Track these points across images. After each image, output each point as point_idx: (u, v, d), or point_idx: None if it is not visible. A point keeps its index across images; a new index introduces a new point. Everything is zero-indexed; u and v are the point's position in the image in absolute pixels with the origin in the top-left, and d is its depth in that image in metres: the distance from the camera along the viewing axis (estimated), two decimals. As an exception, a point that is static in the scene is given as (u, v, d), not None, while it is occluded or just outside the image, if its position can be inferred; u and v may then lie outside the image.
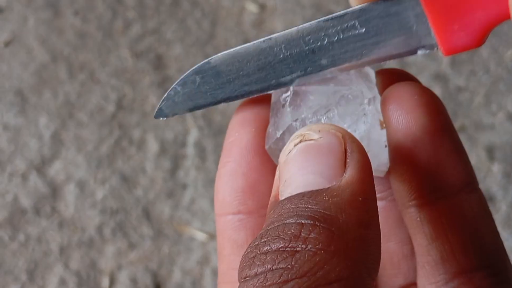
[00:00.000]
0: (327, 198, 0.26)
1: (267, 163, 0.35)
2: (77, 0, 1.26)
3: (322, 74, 0.33)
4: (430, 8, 0.29)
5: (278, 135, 0.34)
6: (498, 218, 1.00)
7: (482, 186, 1.01)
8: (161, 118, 0.35)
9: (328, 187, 0.27)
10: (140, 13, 1.24)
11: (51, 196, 1.09)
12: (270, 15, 1.22)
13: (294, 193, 0.27)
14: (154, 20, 1.23)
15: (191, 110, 0.34)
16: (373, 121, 0.33)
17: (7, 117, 1.16)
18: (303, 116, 0.33)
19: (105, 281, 1.02)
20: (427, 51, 0.31)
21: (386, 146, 0.33)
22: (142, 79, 1.17)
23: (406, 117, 0.32)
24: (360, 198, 0.26)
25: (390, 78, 0.34)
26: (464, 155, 0.34)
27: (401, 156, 0.33)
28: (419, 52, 0.31)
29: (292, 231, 0.25)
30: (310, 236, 0.25)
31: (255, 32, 1.20)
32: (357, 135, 0.31)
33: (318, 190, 0.27)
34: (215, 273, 1.00)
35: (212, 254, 1.02)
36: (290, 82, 0.33)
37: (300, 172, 0.27)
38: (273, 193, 0.29)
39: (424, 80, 1.12)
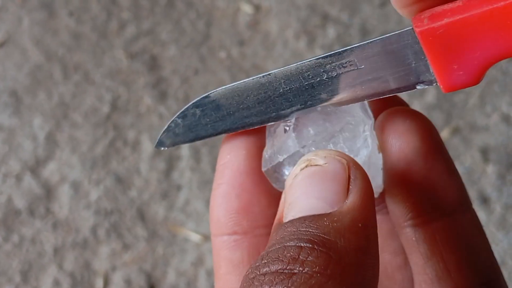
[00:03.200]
0: (327, 223, 0.27)
1: (260, 184, 0.35)
2: (71, 1, 1.26)
3: (323, 106, 0.33)
4: (429, 48, 0.29)
5: (280, 159, 0.34)
6: (493, 220, 1.01)
7: (476, 187, 1.02)
8: (161, 149, 0.35)
9: (330, 212, 0.27)
10: (134, 14, 1.24)
11: (45, 197, 1.08)
12: (265, 16, 1.22)
13: (297, 216, 0.28)
14: (149, 21, 1.23)
15: (192, 141, 0.35)
16: (373, 146, 0.34)
17: (1, 118, 1.16)
18: (310, 142, 0.34)
19: (99, 282, 1.02)
20: (426, 86, 0.31)
21: (381, 168, 0.34)
22: (136, 80, 1.17)
23: (399, 141, 0.33)
24: (360, 224, 0.27)
25: (379, 100, 0.35)
26: (456, 175, 0.34)
27: (396, 178, 0.34)
28: (418, 87, 0.31)
29: (291, 253, 0.26)
30: (308, 259, 0.25)
31: (250, 33, 1.20)
32: (359, 160, 0.33)
33: (319, 214, 0.27)
34: (209, 274, 1.00)
35: (207, 255, 1.02)
36: (290, 114, 0.33)
37: (304, 196, 0.28)
38: (277, 216, 0.29)
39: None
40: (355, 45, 0.31)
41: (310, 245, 0.26)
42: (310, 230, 0.26)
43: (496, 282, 0.34)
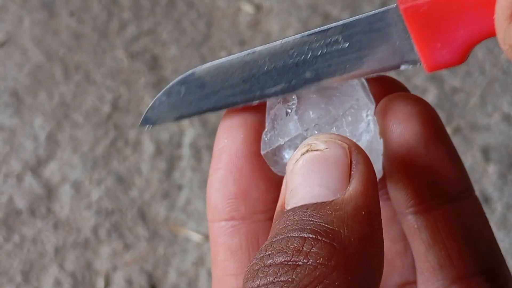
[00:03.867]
0: (330, 212, 0.26)
1: (258, 168, 0.35)
2: (72, 0, 1.26)
3: (325, 83, 0.33)
4: (412, 25, 0.29)
5: (281, 142, 0.34)
6: (494, 219, 1.01)
7: (477, 187, 1.02)
8: (146, 126, 0.35)
9: (332, 200, 0.27)
10: (135, 14, 1.24)
11: (46, 197, 1.09)
12: (265, 16, 1.22)
13: (299, 204, 0.27)
14: (149, 21, 1.23)
15: (177, 119, 0.34)
16: (375, 131, 0.33)
17: (2, 118, 1.16)
18: (312, 125, 0.33)
19: (100, 282, 1.02)
20: (410, 66, 0.31)
21: (382, 154, 0.34)
22: (137, 80, 1.17)
23: (400, 127, 0.33)
24: (363, 212, 0.27)
25: (380, 86, 0.35)
26: (459, 161, 0.34)
27: (397, 164, 0.33)
28: (402, 67, 0.31)
29: (295, 245, 0.26)
30: (312, 250, 0.25)
31: (251, 33, 1.20)
32: (361, 145, 0.32)
33: (322, 202, 0.27)
34: (210, 274, 1.00)
35: (208, 255, 1.02)
36: (275, 93, 0.33)
37: (305, 183, 0.28)
38: (279, 202, 0.29)
39: (420, 81, 1.12)
40: (340, 22, 0.31)
41: (314, 236, 0.26)
42: (312, 219, 0.26)
43: (500, 270, 0.34)
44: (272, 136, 0.34)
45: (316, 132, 0.33)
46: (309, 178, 0.28)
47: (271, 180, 0.35)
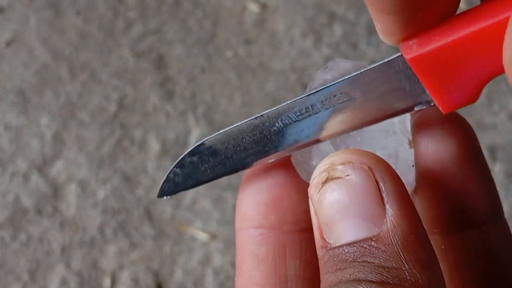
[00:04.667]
0: (383, 249, 0.25)
1: (291, 178, 0.34)
2: (78, 0, 1.26)
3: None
4: (421, 73, 0.29)
5: (313, 163, 0.34)
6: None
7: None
8: (164, 198, 0.35)
9: (379, 234, 0.26)
10: (141, 13, 1.24)
11: (53, 196, 1.09)
12: (271, 15, 1.22)
13: (342, 241, 0.27)
14: (155, 20, 1.23)
15: (193, 187, 0.34)
16: (402, 139, 0.33)
17: (8, 117, 1.16)
18: (338, 139, 0.33)
19: (107, 281, 1.02)
20: (425, 106, 0.30)
21: (413, 165, 0.33)
22: (143, 79, 1.17)
23: (436, 145, 0.32)
24: (413, 236, 0.26)
25: None
26: (491, 184, 0.33)
27: (429, 183, 0.32)
28: (416, 108, 0.31)
29: None
30: None
31: (257, 32, 1.20)
32: (385, 152, 0.32)
33: (369, 239, 0.26)
34: (216, 273, 1.00)
35: (214, 254, 1.02)
36: (289, 148, 0.33)
37: (340, 216, 0.27)
38: (316, 233, 0.28)
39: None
40: (346, 77, 0.31)
41: (379, 279, 0.25)
42: (367, 260, 0.25)
43: None
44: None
45: (338, 139, 0.33)
46: (342, 210, 0.27)
47: (303, 190, 0.33)
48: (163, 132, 1.11)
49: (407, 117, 0.33)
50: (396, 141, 0.33)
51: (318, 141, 0.32)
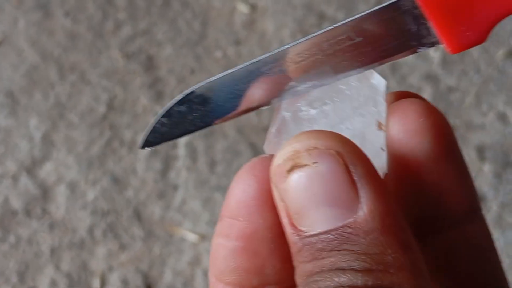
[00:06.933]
0: (362, 236, 0.25)
1: (276, 248, 0.31)
2: (67, 1, 1.26)
3: (340, 77, 0.31)
4: (432, 13, 0.29)
5: (273, 130, 0.32)
6: (489, 218, 1.01)
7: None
8: (147, 149, 0.33)
9: (355, 220, 0.25)
10: (130, 14, 1.24)
11: (42, 198, 1.08)
12: (261, 15, 1.22)
13: (316, 229, 0.25)
14: (145, 21, 1.23)
15: (179, 137, 0.33)
16: (370, 120, 0.31)
17: (-3, 119, 1.16)
18: (298, 105, 0.32)
19: (96, 282, 1.02)
20: (428, 48, 0.30)
21: (383, 149, 0.31)
22: (133, 80, 1.17)
23: (410, 141, 0.30)
24: (391, 218, 0.25)
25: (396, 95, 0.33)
26: (469, 181, 0.32)
27: (402, 182, 0.31)
28: (419, 50, 0.30)
29: (348, 281, 0.24)
30: (370, 284, 0.24)
31: (246, 32, 1.20)
32: (350, 132, 0.30)
33: (345, 226, 0.25)
34: (206, 273, 1.00)
35: (203, 255, 1.02)
36: (284, 94, 0.31)
37: (311, 205, 0.26)
38: (285, 220, 0.27)
39: (415, 80, 1.12)
40: (351, 19, 0.30)
41: (363, 267, 0.24)
42: (347, 248, 0.25)
43: None
44: (270, 128, 0.33)
45: (299, 114, 0.32)
46: (312, 199, 0.26)
47: (288, 258, 0.29)
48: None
49: (380, 102, 0.32)
50: (363, 122, 0.31)
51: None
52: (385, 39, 0.30)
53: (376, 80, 0.32)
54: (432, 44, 0.30)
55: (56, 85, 1.18)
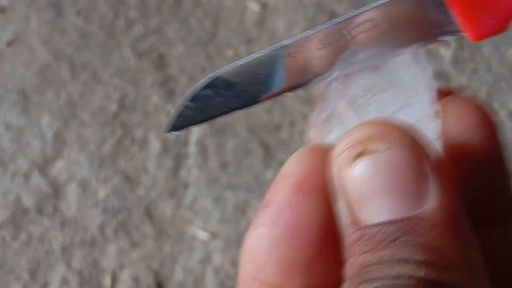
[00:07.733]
0: (429, 229, 0.24)
1: (329, 236, 0.28)
2: (79, 0, 1.27)
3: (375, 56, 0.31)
4: (454, 2, 0.29)
5: (322, 117, 0.31)
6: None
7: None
8: (173, 133, 0.32)
9: (424, 212, 0.24)
10: (142, 12, 1.24)
11: (53, 196, 1.09)
12: (272, 14, 1.22)
13: (380, 219, 0.24)
14: (156, 19, 1.24)
15: (205, 121, 0.32)
16: (427, 108, 0.31)
17: (9, 117, 1.16)
18: (353, 93, 0.31)
19: (107, 280, 1.02)
20: (449, 37, 0.30)
21: (439, 138, 0.30)
22: (144, 79, 1.17)
23: (466, 135, 0.30)
24: (459, 214, 0.24)
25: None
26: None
27: (454, 175, 0.30)
28: (439, 38, 0.30)
29: (407, 272, 0.23)
30: (431, 277, 0.23)
31: (257, 31, 1.20)
32: (409, 120, 0.30)
33: (412, 217, 0.24)
34: (216, 272, 1.00)
35: (214, 253, 1.02)
36: (310, 82, 0.31)
37: (377, 193, 0.25)
38: (344, 209, 0.26)
39: (426, 79, 1.12)
40: (371, 6, 0.30)
41: (424, 259, 0.23)
42: (410, 238, 0.24)
43: None
44: (316, 115, 0.32)
45: (356, 102, 0.31)
46: (379, 187, 0.24)
47: (337, 258, 0.27)
48: (163, 131, 1.12)
49: (433, 88, 0.31)
50: (422, 109, 0.31)
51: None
52: (406, 27, 0.30)
53: (426, 65, 0.32)
54: (453, 33, 0.30)
55: (68, 84, 1.18)
